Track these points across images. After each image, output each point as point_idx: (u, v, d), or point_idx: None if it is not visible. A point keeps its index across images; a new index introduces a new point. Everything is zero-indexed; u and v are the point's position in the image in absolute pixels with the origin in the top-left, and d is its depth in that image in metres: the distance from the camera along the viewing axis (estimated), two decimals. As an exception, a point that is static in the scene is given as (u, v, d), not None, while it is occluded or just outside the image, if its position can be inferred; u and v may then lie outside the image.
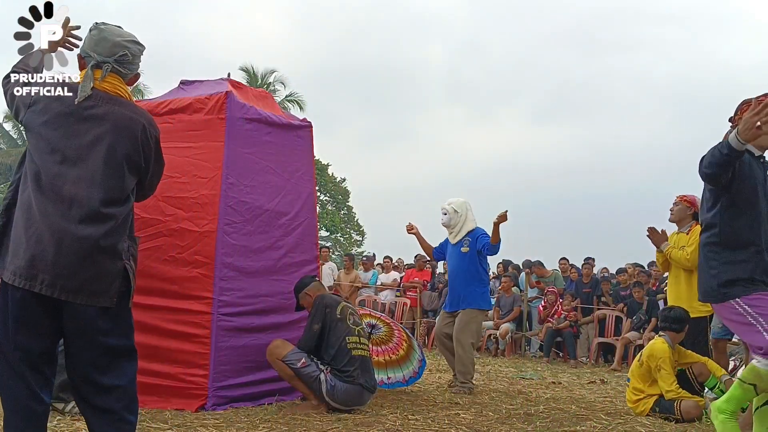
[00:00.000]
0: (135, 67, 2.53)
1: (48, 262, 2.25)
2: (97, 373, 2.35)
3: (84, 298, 2.28)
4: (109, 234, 2.32)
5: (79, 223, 2.27)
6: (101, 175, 2.33)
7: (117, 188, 2.36)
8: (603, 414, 4.74)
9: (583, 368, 8.63)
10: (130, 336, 2.46)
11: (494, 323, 10.20)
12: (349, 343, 4.49)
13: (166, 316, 4.40)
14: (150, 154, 2.49)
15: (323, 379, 4.38)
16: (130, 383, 2.44)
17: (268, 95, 5.62)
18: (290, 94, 29.67)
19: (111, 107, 2.39)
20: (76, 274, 2.27)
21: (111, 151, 2.35)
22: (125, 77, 2.50)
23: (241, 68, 29.04)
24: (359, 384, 4.41)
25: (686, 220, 5.29)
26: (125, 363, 2.42)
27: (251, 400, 4.51)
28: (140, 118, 2.46)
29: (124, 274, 2.37)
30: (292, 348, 4.46)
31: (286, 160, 5.03)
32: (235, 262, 4.54)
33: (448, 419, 4.25)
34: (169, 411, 4.10)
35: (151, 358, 4.31)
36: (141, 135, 2.43)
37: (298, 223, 5.05)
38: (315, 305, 4.59)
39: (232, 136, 4.59)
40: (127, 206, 2.41)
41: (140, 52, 2.53)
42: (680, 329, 4.79)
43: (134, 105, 2.52)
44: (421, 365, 5.62)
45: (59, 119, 2.34)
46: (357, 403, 4.46)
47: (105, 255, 2.31)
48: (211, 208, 4.51)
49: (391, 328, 5.68)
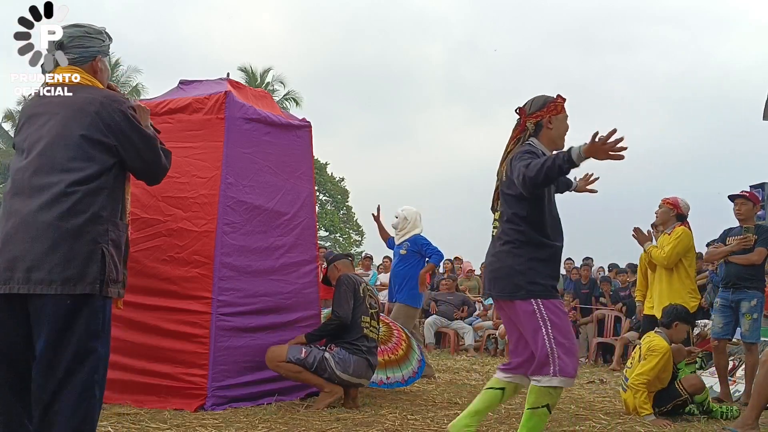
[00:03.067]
0: (81, 50, 2.46)
1: (19, 258, 2.21)
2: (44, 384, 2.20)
3: (57, 287, 2.19)
4: (69, 214, 2.23)
5: (40, 209, 2.23)
6: (60, 159, 2.29)
7: (78, 169, 2.28)
8: (602, 414, 4.74)
9: (582, 368, 8.63)
10: (99, 336, 2.29)
11: (494, 323, 10.21)
12: (363, 321, 4.67)
13: (165, 315, 4.40)
14: (119, 128, 2.38)
15: (329, 357, 4.50)
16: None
17: (267, 95, 5.62)
18: (288, 93, 29.69)
19: (65, 95, 2.39)
20: (43, 262, 2.19)
21: (66, 134, 2.31)
22: (78, 63, 2.45)
23: (240, 68, 29.06)
24: (365, 358, 4.59)
25: (669, 222, 5.53)
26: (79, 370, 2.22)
27: (250, 400, 4.50)
28: (96, 96, 2.40)
29: (101, 259, 2.27)
30: (287, 347, 4.51)
31: (286, 159, 5.03)
32: (234, 261, 4.53)
33: (447, 419, 4.25)
34: (168, 411, 4.10)
35: (150, 358, 4.32)
36: (100, 112, 2.35)
37: (298, 223, 5.05)
38: (344, 282, 4.75)
39: (231, 136, 4.59)
40: (94, 186, 2.30)
41: (80, 32, 2.46)
42: (668, 324, 4.82)
43: (92, 87, 2.45)
44: (421, 365, 5.61)
45: (25, 122, 2.42)
46: (365, 376, 4.64)
47: (70, 237, 2.22)
48: (210, 208, 4.50)
49: (390, 327, 5.69)
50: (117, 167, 2.40)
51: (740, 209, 5.66)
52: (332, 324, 4.65)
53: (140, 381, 4.28)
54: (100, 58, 2.51)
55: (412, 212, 6.65)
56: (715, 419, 4.69)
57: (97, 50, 2.50)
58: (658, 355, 4.61)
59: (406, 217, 6.61)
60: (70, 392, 2.19)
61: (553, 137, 3.22)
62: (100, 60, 2.51)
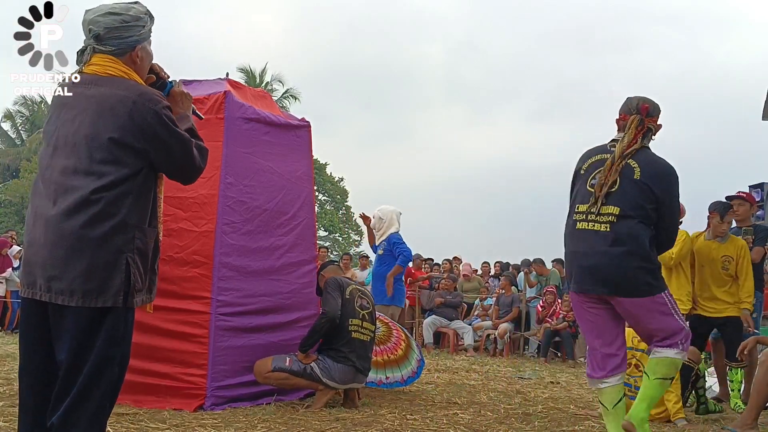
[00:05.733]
0: (119, 41, 2.26)
1: (40, 264, 2.12)
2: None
3: (78, 300, 2.08)
4: (94, 222, 2.10)
5: (64, 214, 2.11)
6: (86, 161, 2.15)
7: (105, 174, 2.14)
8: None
9: (582, 368, 8.63)
10: (119, 344, 2.19)
11: (493, 323, 10.21)
12: (351, 325, 4.62)
13: (165, 315, 4.39)
14: (150, 129, 2.20)
15: (314, 365, 4.50)
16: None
17: (266, 95, 5.62)
18: (287, 91, 29.71)
19: (98, 89, 2.21)
20: (65, 271, 2.08)
21: (95, 135, 2.16)
22: (116, 54, 2.27)
23: (239, 68, 29.06)
24: (352, 364, 4.54)
25: None
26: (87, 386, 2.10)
27: (249, 400, 4.50)
28: (130, 94, 2.20)
29: (125, 269, 2.14)
30: (272, 357, 4.51)
31: (285, 159, 5.03)
32: (233, 261, 4.53)
33: (446, 419, 4.26)
34: (168, 411, 4.10)
35: (150, 357, 4.32)
36: (132, 112, 2.18)
37: (297, 223, 5.05)
38: (329, 283, 4.73)
39: (230, 135, 4.59)
40: (119, 192, 2.16)
41: (117, 22, 2.25)
42: None
43: (127, 81, 2.25)
44: (420, 365, 5.62)
45: (53, 112, 2.30)
46: (353, 381, 4.60)
47: (94, 246, 2.09)
48: (210, 207, 4.51)
49: (390, 327, 5.69)
50: (146, 170, 2.25)
51: (738, 210, 5.65)
52: (322, 325, 4.57)
53: (139, 381, 4.27)
54: (140, 47, 2.31)
55: (387, 211, 6.66)
56: (713, 417, 4.69)
57: (136, 39, 2.29)
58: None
59: (382, 217, 6.64)
60: (87, 409, 2.10)
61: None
62: (141, 48, 2.32)
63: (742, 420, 4.22)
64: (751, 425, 4.12)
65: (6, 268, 10.99)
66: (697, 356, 4.84)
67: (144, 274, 2.24)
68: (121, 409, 4.02)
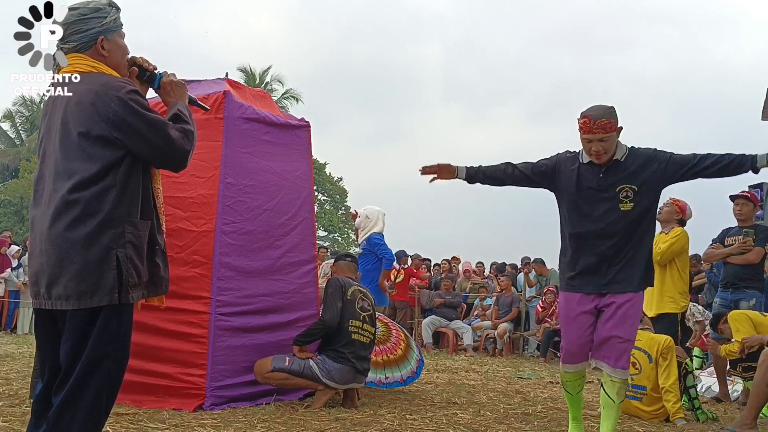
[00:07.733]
0: (80, 35, 2.25)
1: (40, 273, 2.15)
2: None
3: (74, 302, 2.09)
4: (77, 223, 2.09)
5: (51, 220, 2.12)
6: (63, 162, 2.14)
7: (81, 170, 2.12)
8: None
9: (581, 368, 8.62)
10: (113, 341, 2.16)
11: (492, 323, 10.22)
12: (352, 326, 4.63)
13: (164, 315, 4.38)
14: (116, 117, 2.14)
15: (313, 364, 4.51)
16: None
17: (266, 95, 5.62)
18: (287, 91, 29.69)
19: (72, 87, 2.21)
20: (59, 276, 2.09)
21: (65, 132, 2.16)
22: (80, 50, 2.26)
23: (239, 68, 29.04)
24: (352, 365, 4.55)
25: (671, 222, 5.47)
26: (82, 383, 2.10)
27: (249, 400, 4.50)
28: (93, 86, 2.18)
29: (116, 266, 2.11)
30: (272, 357, 4.52)
31: (285, 159, 5.03)
32: (233, 261, 4.53)
33: (446, 419, 4.26)
34: (167, 411, 4.10)
35: (149, 357, 4.32)
36: (95, 103, 2.14)
37: (297, 223, 5.05)
38: (332, 285, 4.74)
39: (230, 135, 4.59)
40: (100, 188, 2.12)
41: (74, 17, 2.25)
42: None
43: (94, 75, 2.23)
44: (419, 365, 5.62)
45: (41, 122, 2.34)
46: (353, 381, 4.61)
47: (81, 247, 2.08)
48: (209, 207, 4.50)
49: (389, 327, 5.69)
50: (128, 161, 2.19)
51: (741, 210, 5.65)
52: (317, 330, 4.60)
53: (139, 381, 4.27)
54: (103, 38, 2.27)
55: (374, 211, 6.67)
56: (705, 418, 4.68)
57: (97, 31, 2.26)
58: (670, 348, 4.60)
59: (368, 216, 6.65)
60: (81, 407, 2.09)
61: None
62: (104, 40, 2.28)
63: (741, 420, 4.22)
64: (750, 425, 4.12)
65: (5, 268, 10.98)
66: (682, 353, 4.89)
67: (140, 267, 2.21)
68: (120, 409, 4.02)
